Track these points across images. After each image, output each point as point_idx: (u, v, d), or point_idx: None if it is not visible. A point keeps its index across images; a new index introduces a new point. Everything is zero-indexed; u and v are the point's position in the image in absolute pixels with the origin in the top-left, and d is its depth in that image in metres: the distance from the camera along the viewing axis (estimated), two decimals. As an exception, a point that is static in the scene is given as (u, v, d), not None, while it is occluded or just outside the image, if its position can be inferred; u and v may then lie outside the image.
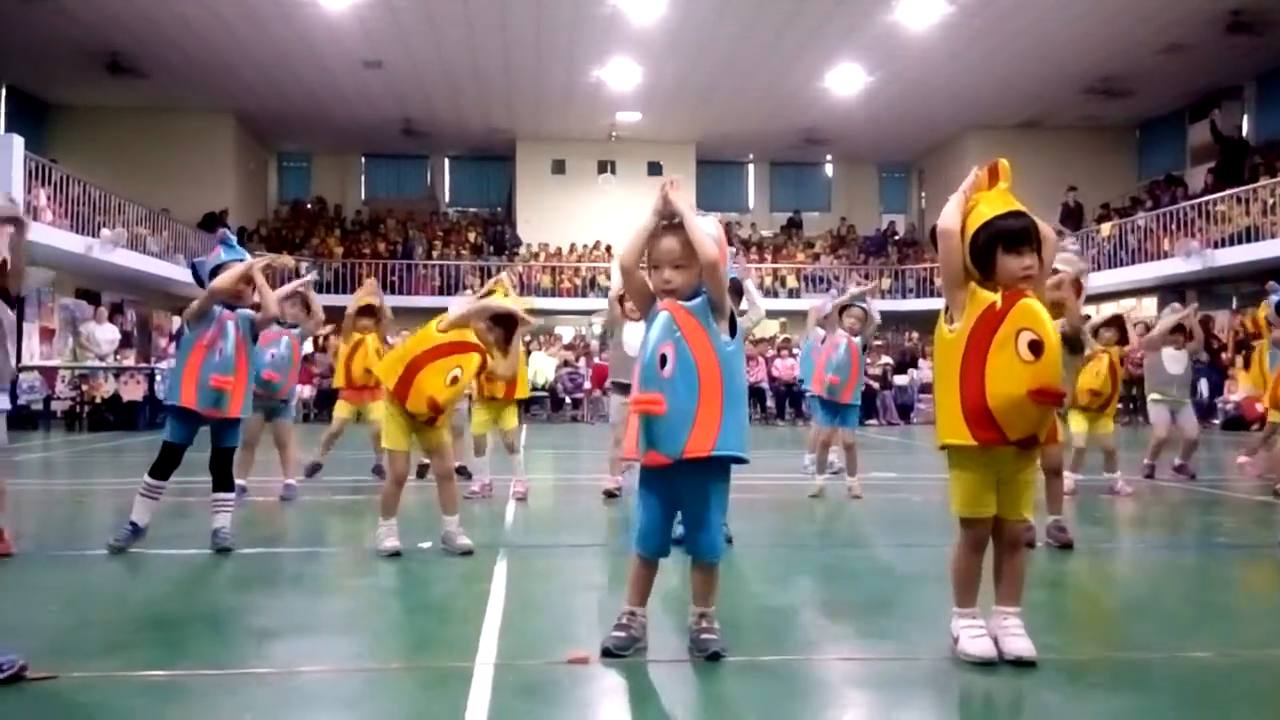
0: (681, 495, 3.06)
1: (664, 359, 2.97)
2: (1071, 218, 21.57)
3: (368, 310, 7.71)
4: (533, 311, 6.51)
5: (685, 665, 2.99)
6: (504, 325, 4.85)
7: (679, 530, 3.18)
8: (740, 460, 3.03)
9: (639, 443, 3.06)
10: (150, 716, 2.59)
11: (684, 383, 2.94)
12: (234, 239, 5.04)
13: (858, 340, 6.99)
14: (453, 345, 4.70)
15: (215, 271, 4.88)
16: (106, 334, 16.40)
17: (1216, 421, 16.40)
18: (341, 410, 7.88)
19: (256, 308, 5.12)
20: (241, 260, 4.93)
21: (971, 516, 3.03)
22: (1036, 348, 2.85)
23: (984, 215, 2.97)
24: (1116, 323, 7.53)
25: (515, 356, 5.03)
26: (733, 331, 3.05)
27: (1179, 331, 8.19)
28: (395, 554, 4.64)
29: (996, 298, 2.92)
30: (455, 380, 4.69)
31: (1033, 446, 3.01)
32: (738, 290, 4.98)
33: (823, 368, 7.01)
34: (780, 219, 27.50)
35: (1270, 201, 16.39)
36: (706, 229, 3.05)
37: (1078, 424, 7.27)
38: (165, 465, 4.81)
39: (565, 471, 9.76)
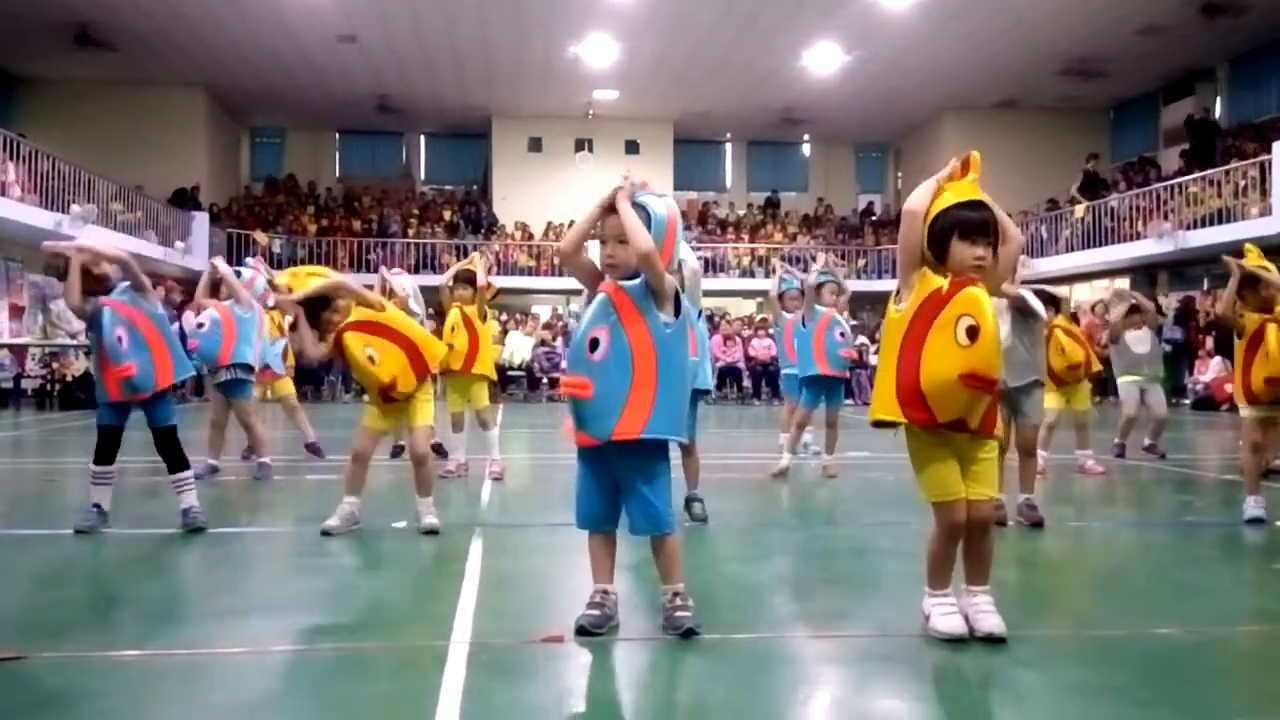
0: (619, 474, 3.09)
1: (595, 342, 2.99)
2: (1091, 187, 21.02)
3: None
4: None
5: (659, 643, 3.00)
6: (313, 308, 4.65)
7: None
8: (678, 442, 3.11)
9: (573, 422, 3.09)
10: (121, 697, 2.57)
11: (617, 366, 2.97)
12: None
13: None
14: (370, 328, 4.70)
15: None
16: (77, 311, 16.17)
17: (1187, 401, 16.59)
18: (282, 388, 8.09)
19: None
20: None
21: (944, 500, 3.05)
22: (973, 333, 2.88)
23: (947, 202, 2.99)
24: (1043, 295, 7.59)
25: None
26: (676, 313, 3.04)
27: (1135, 312, 8.33)
28: (327, 534, 4.62)
29: (944, 282, 2.96)
30: (372, 359, 4.65)
31: (962, 431, 3.01)
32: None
33: (823, 348, 6.93)
34: (758, 198, 27.49)
35: (1242, 184, 16.54)
36: (654, 209, 3.05)
37: (1051, 400, 7.35)
38: (105, 449, 4.78)
39: (542, 451, 9.76)
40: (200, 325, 6.70)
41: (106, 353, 4.69)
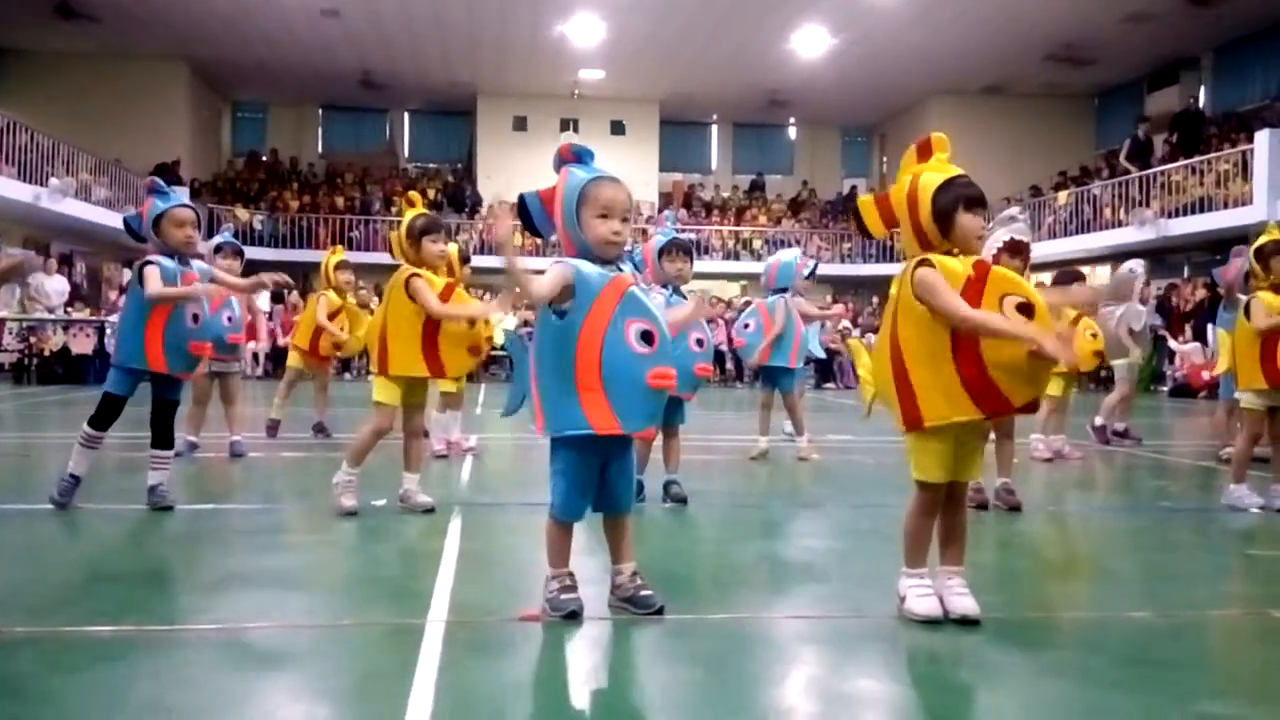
0: (610, 458, 3.05)
1: (647, 335, 2.93)
2: (1142, 155, 19.89)
3: (344, 264, 7.87)
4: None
5: (634, 623, 3.01)
6: None
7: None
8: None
9: (616, 416, 2.88)
10: (96, 673, 2.56)
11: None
12: (164, 185, 4.88)
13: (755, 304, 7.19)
14: (443, 296, 4.59)
15: (158, 221, 4.65)
16: (56, 285, 16.05)
17: (1164, 389, 16.72)
18: (295, 360, 7.93)
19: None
20: (178, 203, 4.74)
21: (931, 482, 3.06)
22: (1027, 309, 2.85)
23: (935, 180, 2.98)
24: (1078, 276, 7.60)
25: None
26: None
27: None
28: (352, 513, 4.58)
29: (967, 268, 2.92)
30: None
31: (1034, 411, 3.11)
32: (685, 249, 4.95)
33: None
34: (743, 181, 27.47)
35: (1226, 168, 16.61)
36: (526, 197, 3.03)
37: (1055, 387, 7.33)
38: (107, 416, 4.67)
39: (522, 431, 9.74)
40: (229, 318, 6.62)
41: (185, 323, 4.64)
